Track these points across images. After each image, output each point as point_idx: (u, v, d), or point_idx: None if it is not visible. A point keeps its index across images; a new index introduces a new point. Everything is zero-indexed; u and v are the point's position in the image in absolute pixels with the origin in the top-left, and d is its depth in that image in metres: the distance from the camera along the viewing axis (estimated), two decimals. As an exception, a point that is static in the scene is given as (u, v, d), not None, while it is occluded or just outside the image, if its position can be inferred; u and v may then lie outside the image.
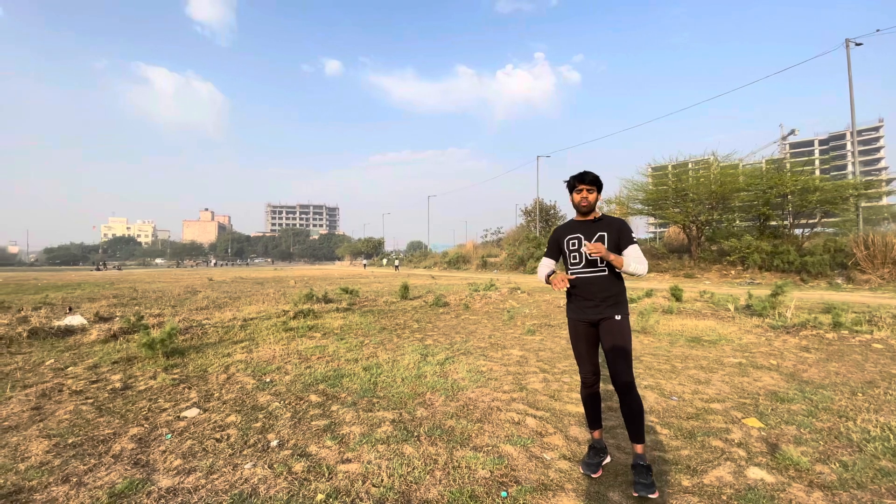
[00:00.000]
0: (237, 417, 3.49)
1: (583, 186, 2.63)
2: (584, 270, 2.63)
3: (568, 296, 2.75)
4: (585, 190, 2.63)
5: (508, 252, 37.68)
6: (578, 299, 2.67)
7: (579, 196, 2.65)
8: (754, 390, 4.14)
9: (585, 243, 2.58)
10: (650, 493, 2.29)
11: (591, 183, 2.62)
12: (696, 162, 29.24)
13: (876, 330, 6.68)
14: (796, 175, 22.20)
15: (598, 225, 2.66)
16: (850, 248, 18.25)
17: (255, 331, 7.20)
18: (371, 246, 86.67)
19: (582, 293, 2.64)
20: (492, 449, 2.91)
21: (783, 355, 5.52)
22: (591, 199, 2.64)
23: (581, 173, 2.66)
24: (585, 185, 2.62)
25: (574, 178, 2.66)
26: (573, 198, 2.68)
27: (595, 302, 2.60)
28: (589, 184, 2.62)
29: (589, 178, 2.62)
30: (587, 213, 2.70)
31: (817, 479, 2.49)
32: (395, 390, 4.14)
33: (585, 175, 2.64)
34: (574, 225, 2.74)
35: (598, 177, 2.65)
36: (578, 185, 2.64)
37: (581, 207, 2.67)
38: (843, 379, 4.48)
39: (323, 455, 2.83)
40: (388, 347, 6.04)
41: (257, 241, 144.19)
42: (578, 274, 2.64)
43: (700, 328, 7.34)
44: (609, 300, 2.59)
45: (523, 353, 5.76)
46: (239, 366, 5.06)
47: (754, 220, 24.09)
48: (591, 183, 2.62)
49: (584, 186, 2.63)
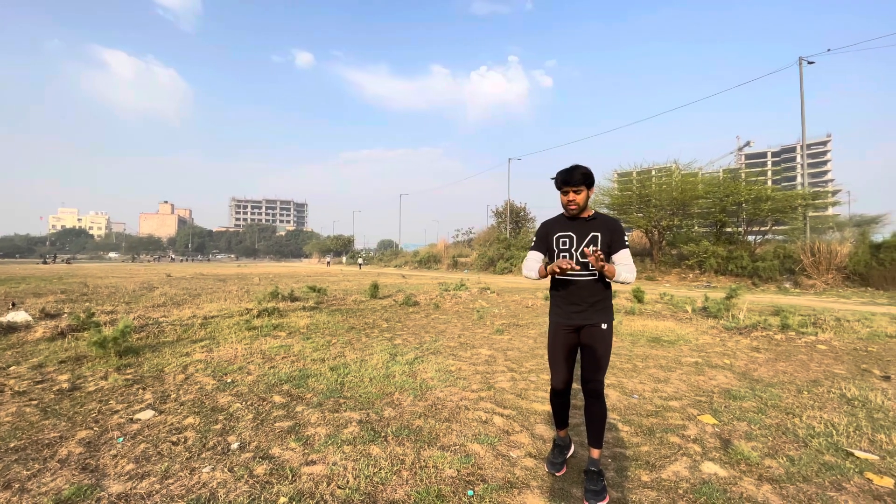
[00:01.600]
0: (195, 419, 3.35)
1: (569, 189, 2.40)
2: (573, 273, 2.45)
3: (552, 298, 2.61)
4: (572, 192, 2.40)
5: (479, 252, 37.99)
6: (563, 302, 2.51)
7: (566, 198, 2.43)
8: (709, 388, 4.33)
9: (585, 251, 2.40)
10: (600, 500, 2.28)
11: (580, 183, 2.38)
12: (659, 169, 30.39)
13: (820, 332, 7.13)
14: (750, 185, 23.54)
15: (592, 224, 2.46)
16: (798, 255, 19.43)
17: (215, 329, 6.95)
18: (341, 244, 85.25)
19: (569, 297, 2.48)
20: (459, 448, 2.92)
21: (736, 355, 5.81)
22: (580, 199, 2.41)
23: (568, 171, 2.41)
24: (572, 186, 2.39)
25: (561, 178, 2.42)
26: (561, 198, 2.46)
27: (583, 307, 2.46)
28: (577, 184, 2.38)
29: (576, 178, 2.37)
30: (577, 214, 2.49)
31: (766, 473, 2.63)
32: (363, 390, 4.09)
33: (573, 175, 2.38)
34: (565, 222, 2.53)
35: (587, 173, 2.40)
36: (564, 186, 2.41)
37: (569, 210, 2.46)
38: (790, 378, 4.75)
39: (286, 457, 2.76)
40: (356, 347, 5.96)
41: (220, 236, 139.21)
42: (567, 275, 2.48)
43: (660, 329, 7.62)
44: (597, 305, 2.45)
45: (492, 352, 5.81)
46: (198, 366, 4.86)
47: (711, 227, 25.24)
48: (579, 183, 2.38)
49: (570, 188, 2.40)
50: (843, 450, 2.92)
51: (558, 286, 2.56)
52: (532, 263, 2.56)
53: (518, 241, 36.17)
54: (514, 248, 34.43)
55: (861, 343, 6.55)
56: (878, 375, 4.85)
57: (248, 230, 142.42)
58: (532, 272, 2.54)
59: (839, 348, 6.23)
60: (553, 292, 2.61)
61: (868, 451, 2.91)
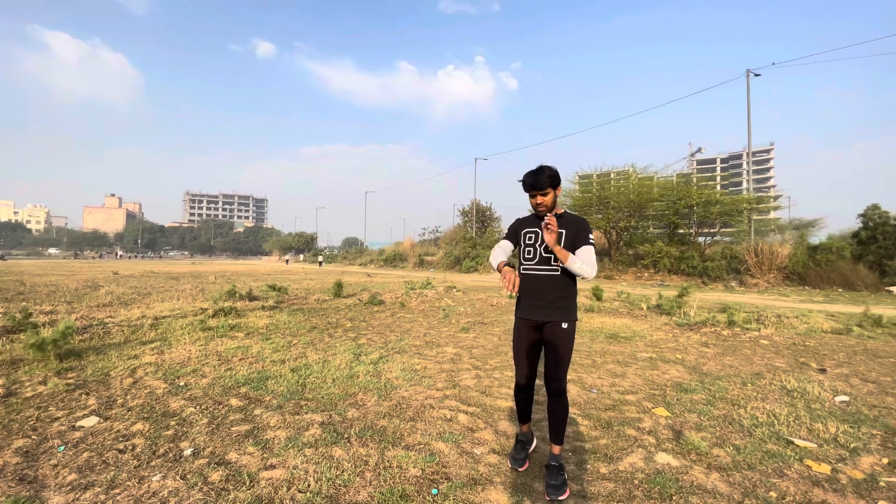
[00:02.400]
0: (144, 425, 3.17)
1: (536, 192, 2.48)
2: (536, 267, 2.53)
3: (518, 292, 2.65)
4: (539, 195, 2.48)
5: (445, 251, 38.09)
6: (527, 297, 2.57)
7: (534, 201, 2.52)
8: (663, 382, 4.53)
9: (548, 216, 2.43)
10: (560, 494, 2.33)
11: (546, 186, 2.45)
12: (618, 173, 31.53)
13: (763, 328, 7.62)
14: (701, 189, 24.88)
15: (559, 222, 2.53)
16: (743, 256, 20.69)
17: (167, 330, 6.61)
18: (303, 241, 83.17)
19: (531, 291, 2.54)
20: (424, 447, 2.91)
21: (687, 350, 6.11)
22: (548, 201, 2.49)
23: (535, 175, 2.47)
24: (538, 190, 2.46)
25: (528, 183, 2.48)
26: (530, 200, 2.55)
27: (543, 302, 2.50)
28: (543, 188, 2.45)
29: (542, 182, 2.44)
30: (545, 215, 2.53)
31: (715, 462, 2.78)
32: (325, 391, 4.00)
33: (539, 179, 2.45)
34: (534, 220, 2.61)
35: (553, 174, 2.46)
36: (531, 190, 2.49)
37: (539, 212, 2.54)
38: (735, 371, 5.05)
39: (244, 462, 2.66)
40: (318, 347, 5.83)
41: (173, 232, 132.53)
42: (531, 270, 2.55)
43: (617, 325, 7.91)
44: (558, 302, 2.49)
45: (457, 350, 5.83)
46: (148, 368, 4.61)
47: (665, 228, 26.47)
48: (545, 186, 2.45)
49: (537, 192, 2.47)
50: (785, 438, 3.13)
51: (522, 281, 2.60)
52: (499, 251, 2.64)
53: (484, 241, 36.54)
54: (480, 247, 34.76)
55: (799, 338, 7.04)
56: (815, 368, 5.23)
57: (203, 226, 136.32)
58: (495, 259, 2.60)
59: (780, 343, 6.68)
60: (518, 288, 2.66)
61: (807, 439, 3.14)
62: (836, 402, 3.94)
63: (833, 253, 18.91)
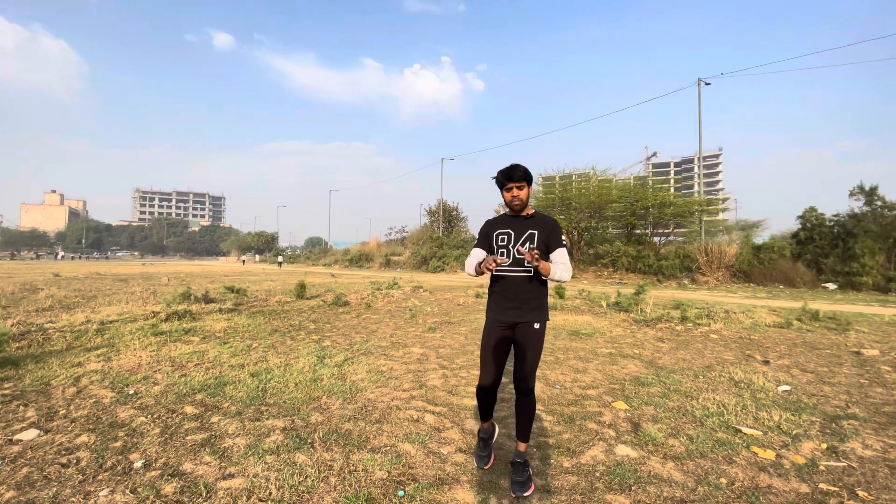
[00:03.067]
0: (90, 437, 2.98)
1: (512, 185, 2.49)
2: (509, 269, 2.52)
3: (489, 294, 2.67)
4: (515, 188, 2.50)
5: (412, 251, 37.94)
6: (499, 298, 2.57)
7: (510, 195, 2.52)
8: (622, 377, 4.70)
9: (520, 249, 2.45)
10: (525, 490, 2.38)
11: (521, 179, 2.48)
12: (579, 175, 32.51)
13: (713, 323, 8.04)
14: (656, 191, 26.07)
15: (530, 222, 2.55)
16: (695, 255, 21.79)
17: (115, 336, 6.23)
18: (263, 241, 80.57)
19: (504, 293, 2.55)
20: (390, 449, 2.88)
21: (644, 345, 6.36)
22: (523, 195, 2.51)
23: (509, 169, 2.50)
24: (515, 182, 2.48)
25: (503, 176, 2.50)
26: (504, 196, 2.55)
27: (516, 303, 2.52)
28: (518, 181, 2.48)
29: (518, 174, 2.47)
30: (520, 211, 2.58)
31: (670, 452, 2.91)
32: (288, 396, 3.89)
33: (514, 172, 2.48)
34: (505, 220, 2.62)
35: (527, 170, 2.50)
36: (507, 183, 2.49)
37: (514, 206, 2.55)
38: (688, 364, 5.30)
39: (200, 472, 2.54)
40: (279, 351, 5.66)
41: (121, 231, 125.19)
42: (504, 272, 2.54)
43: (579, 323, 8.14)
44: (531, 303, 2.52)
45: (424, 350, 5.82)
46: (93, 377, 4.32)
47: (623, 229, 27.49)
48: (520, 179, 2.48)
49: (513, 185, 2.49)
50: (733, 427, 3.31)
51: (495, 282, 2.61)
52: (472, 260, 2.60)
53: (451, 240, 36.69)
54: (447, 246, 34.88)
55: (745, 332, 7.49)
56: (760, 360, 5.57)
57: (154, 225, 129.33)
58: (470, 268, 2.56)
59: (728, 337, 7.08)
60: (490, 289, 2.67)
61: (753, 427, 3.33)
62: (778, 392, 4.21)
63: (775, 252, 20.26)
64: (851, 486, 2.49)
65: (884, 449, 2.98)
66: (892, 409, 3.78)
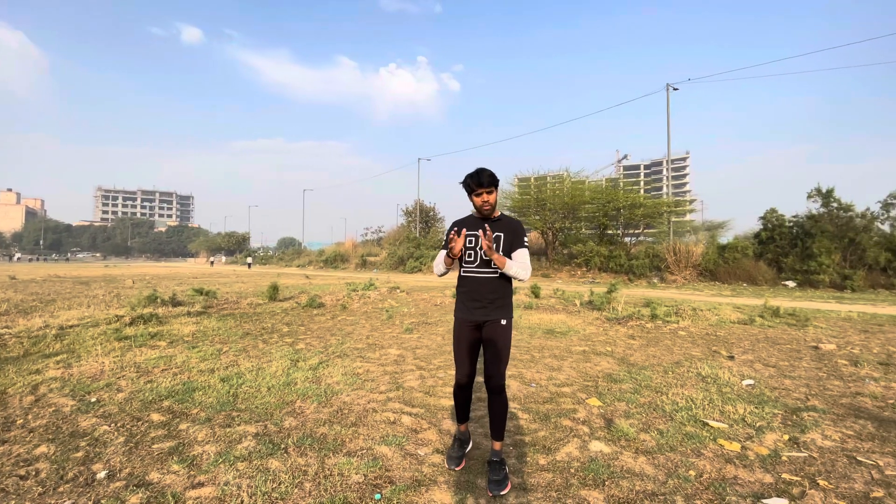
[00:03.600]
0: (50, 448, 2.83)
1: (482, 190, 2.53)
2: (476, 270, 2.59)
3: (457, 295, 2.72)
4: (485, 193, 2.54)
5: (389, 251, 37.69)
6: (467, 298, 2.63)
7: (480, 199, 2.56)
8: (595, 374, 4.79)
9: (480, 232, 2.52)
10: (502, 489, 2.40)
11: (490, 184, 2.53)
12: (554, 176, 33.05)
13: (681, 320, 8.30)
14: (627, 193, 26.85)
15: (497, 225, 2.62)
16: (664, 255, 22.48)
17: (75, 341, 5.95)
18: (234, 241, 78.46)
19: (471, 293, 2.61)
20: (366, 452, 2.85)
21: (616, 343, 6.51)
22: (492, 200, 2.56)
23: (476, 174, 2.53)
24: (485, 188, 2.53)
25: (471, 181, 2.54)
26: (474, 201, 2.59)
27: (483, 303, 2.59)
28: (487, 185, 2.52)
29: (486, 179, 2.52)
30: (489, 214, 2.63)
31: (642, 447, 2.98)
32: (260, 401, 3.79)
33: (482, 177, 2.52)
34: (473, 221, 2.66)
35: (493, 174, 2.55)
36: (476, 188, 2.54)
37: (484, 211, 2.59)
38: (658, 360, 5.45)
39: (168, 482, 2.45)
40: (251, 354, 5.52)
41: (82, 231, 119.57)
42: (471, 273, 2.61)
43: (554, 321, 8.26)
44: (497, 302, 2.59)
45: (401, 351, 5.78)
46: (52, 384, 4.11)
47: (596, 229, 28.12)
48: (489, 185, 2.53)
49: (483, 190, 2.53)
50: (701, 421, 3.42)
51: (462, 283, 2.67)
52: (439, 259, 2.67)
53: (428, 241, 36.62)
54: (424, 247, 34.80)
55: (711, 329, 7.77)
56: (725, 356, 5.79)
57: (118, 225, 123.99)
58: (440, 266, 2.64)
59: (695, 334, 7.32)
60: (458, 289, 2.72)
61: (720, 420, 3.46)
62: (743, 386, 4.38)
63: (739, 252, 21.11)
64: (812, 476, 2.61)
65: (842, 439, 3.14)
66: (849, 401, 3.99)
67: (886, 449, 2.98)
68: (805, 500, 2.33)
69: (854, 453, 2.90)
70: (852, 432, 3.25)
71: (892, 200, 19.31)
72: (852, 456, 2.87)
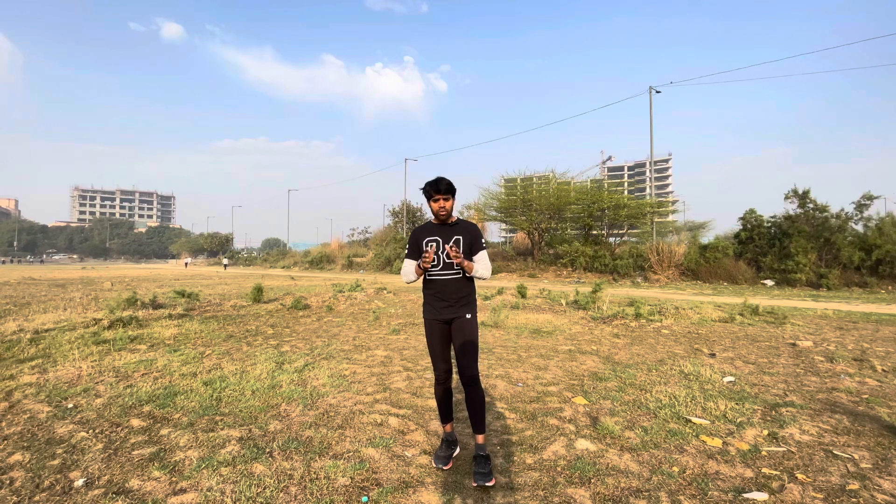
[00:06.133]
0: (25, 455, 2.74)
1: (439, 196, 2.73)
2: (441, 273, 2.76)
3: (424, 297, 2.87)
4: (442, 199, 2.74)
5: (375, 252, 37.48)
6: (434, 300, 2.80)
7: (437, 205, 2.76)
8: (581, 372, 4.84)
9: (446, 247, 2.70)
10: (487, 481, 2.47)
11: (447, 192, 2.73)
12: (540, 177, 33.31)
13: (664, 319, 8.44)
14: (612, 194, 27.16)
15: (455, 229, 2.81)
16: (647, 255, 22.84)
17: (51, 345, 5.78)
18: (217, 242, 77.13)
19: (438, 294, 2.77)
20: (353, 454, 2.83)
21: (601, 341, 6.59)
22: (448, 206, 2.77)
23: (435, 182, 2.74)
24: (442, 194, 2.73)
25: (430, 188, 2.75)
26: (432, 206, 2.79)
27: (449, 302, 2.76)
28: (444, 192, 2.73)
29: (443, 187, 2.72)
30: (446, 219, 2.82)
31: (626, 444, 3.02)
32: (244, 404, 3.74)
33: (440, 184, 2.72)
34: (432, 228, 2.85)
35: (451, 183, 2.77)
36: (435, 195, 2.74)
37: (440, 216, 2.78)
38: (642, 359, 5.53)
39: (148, 489, 2.39)
40: (235, 357, 5.43)
41: (58, 232, 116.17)
42: (436, 276, 2.77)
43: (540, 321, 8.32)
44: (462, 300, 2.77)
45: (388, 353, 5.76)
46: (27, 390, 3.99)
47: (581, 230, 28.44)
48: (446, 192, 2.73)
49: (440, 196, 2.73)
50: (684, 418, 3.48)
51: (429, 285, 2.83)
52: (408, 268, 2.86)
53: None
54: (410, 248, 34.64)
55: (693, 327, 7.91)
56: (707, 353, 5.90)
57: (96, 225, 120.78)
58: (410, 275, 2.83)
59: (678, 332, 7.45)
60: (425, 291, 2.88)
61: (702, 417, 3.52)
62: (724, 383, 4.47)
63: (719, 251, 21.56)
64: (791, 470, 2.68)
65: (819, 434, 3.22)
66: (826, 397, 4.11)
67: (861, 443, 3.07)
68: (784, 494, 2.39)
69: (830, 447, 2.99)
70: (829, 427, 3.34)
71: (865, 201, 19.92)
72: (829, 450, 2.95)
